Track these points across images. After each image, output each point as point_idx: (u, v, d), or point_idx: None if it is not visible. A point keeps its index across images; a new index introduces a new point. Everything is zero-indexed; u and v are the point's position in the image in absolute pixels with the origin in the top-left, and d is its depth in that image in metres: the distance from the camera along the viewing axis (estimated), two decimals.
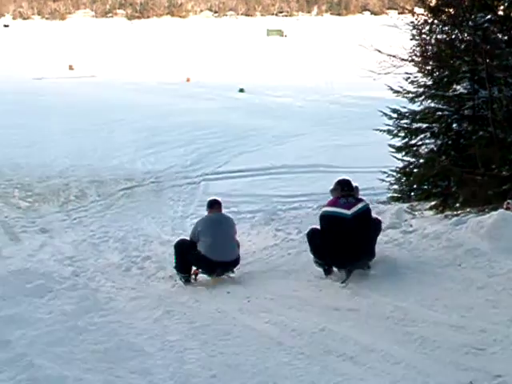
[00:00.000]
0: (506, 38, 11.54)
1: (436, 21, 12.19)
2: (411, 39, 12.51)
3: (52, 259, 12.22)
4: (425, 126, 12.65)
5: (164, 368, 5.78)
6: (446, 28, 12.14)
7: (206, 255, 8.94)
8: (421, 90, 12.66)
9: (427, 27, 12.32)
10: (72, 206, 17.22)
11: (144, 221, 15.76)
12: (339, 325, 6.53)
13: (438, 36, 12.28)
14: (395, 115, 13.04)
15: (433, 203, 11.92)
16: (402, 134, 13.02)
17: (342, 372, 5.43)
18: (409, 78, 12.68)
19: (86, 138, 25.90)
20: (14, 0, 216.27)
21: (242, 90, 40.57)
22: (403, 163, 13.27)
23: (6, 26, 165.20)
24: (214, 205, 9.60)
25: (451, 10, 12.11)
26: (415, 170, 13.03)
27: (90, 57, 66.56)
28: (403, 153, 13.20)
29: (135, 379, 5.57)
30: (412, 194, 13.29)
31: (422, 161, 12.79)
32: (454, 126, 12.28)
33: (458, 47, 11.94)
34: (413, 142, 12.95)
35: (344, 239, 7.93)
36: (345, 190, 8.36)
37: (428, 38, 12.40)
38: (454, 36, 12.08)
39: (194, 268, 9.44)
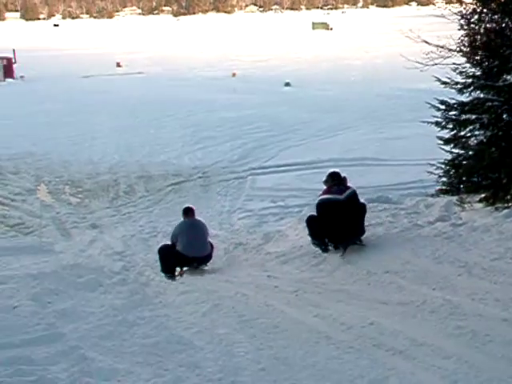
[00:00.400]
0: None
1: (485, 10, 11.95)
2: (459, 29, 12.27)
3: (102, 254, 12.45)
4: (474, 117, 12.41)
5: (213, 361, 5.82)
6: (496, 17, 11.89)
7: (184, 253, 10.40)
8: (469, 80, 12.42)
9: (476, 16, 12.07)
10: (121, 202, 17.47)
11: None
12: (388, 319, 6.48)
13: (488, 25, 12.03)
14: (443, 107, 12.82)
15: (483, 195, 11.70)
16: (451, 126, 12.80)
17: (392, 366, 5.39)
18: (457, 68, 12.45)
19: (134, 134, 26.20)
20: (63, 0, 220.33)
21: (287, 84, 40.49)
22: (452, 155, 13.05)
23: (55, 25, 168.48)
24: (188, 212, 11.13)
25: None
26: (464, 162, 12.81)
27: (138, 54, 67.27)
28: (452, 145, 12.98)
29: (184, 372, 5.63)
30: (461, 186, 13.06)
31: (471, 153, 12.56)
32: (504, 116, 12.01)
33: (508, 36, 11.69)
34: (462, 133, 12.72)
35: (340, 220, 9.29)
36: (335, 180, 9.83)
37: (477, 27, 12.15)
38: (504, 25, 11.83)
39: (178, 269, 10.63)
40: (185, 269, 10.57)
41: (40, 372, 5.52)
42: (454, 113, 12.75)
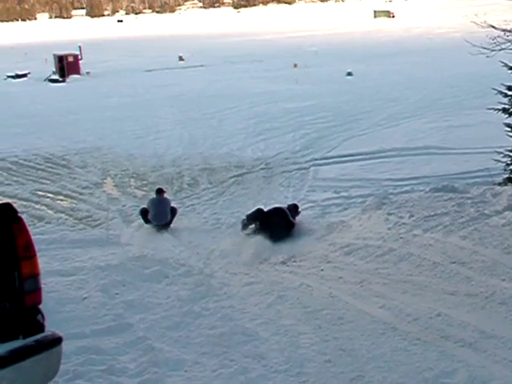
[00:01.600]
0: None
1: None
2: None
3: (167, 246, 12.60)
4: None
5: (279, 352, 5.83)
6: None
7: (152, 221, 14.12)
8: None
9: None
10: (185, 194, 17.63)
11: (255, 207, 15.91)
12: (456, 310, 6.37)
13: None
14: (511, 93, 12.51)
15: None
16: None
17: (461, 358, 5.30)
18: None
19: (197, 127, 26.41)
20: None
21: (349, 74, 40.13)
22: None
23: (119, 21, 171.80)
24: (158, 192, 14.84)
25: None
26: None
27: (199, 47, 67.79)
28: None
29: (250, 363, 5.65)
30: None
31: None
32: None
33: None
34: None
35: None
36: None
37: None
38: None
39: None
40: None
41: (110, 362, 5.64)
42: None
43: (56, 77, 47.65)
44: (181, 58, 57.35)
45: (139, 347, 5.95)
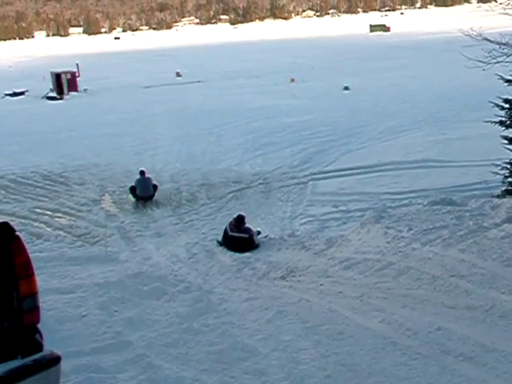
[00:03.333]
0: None
1: None
2: None
3: (166, 262, 12.58)
4: None
5: (279, 368, 5.80)
6: None
7: (139, 195, 18.46)
8: None
9: None
10: (184, 210, 17.63)
11: (254, 222, 15.91)
12: (456, 324, 6.34)
13: None
14: (507, 105, 12.54)
15: None
16: None
17: (462, 373, 5.27)
18: None
19: (195, 142, 26.46)
20: (123, 13, 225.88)
21: (346, 88, 40.25)
22: None
23: (116, 38, 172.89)
24: (141, 174, 18.97)
25: None
26: None
27: (196, 63, 68.01)
28: None
29: (250, 380, 5.62)
30: None
31: None
32: None
33: None
34: None
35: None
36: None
37: None
38: None
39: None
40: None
41: (109, 380, 5.61)
42: None
43: (54, 94, 47.76)
44: (178, 74, 57.54)
45: (138, 365, 5.92)
